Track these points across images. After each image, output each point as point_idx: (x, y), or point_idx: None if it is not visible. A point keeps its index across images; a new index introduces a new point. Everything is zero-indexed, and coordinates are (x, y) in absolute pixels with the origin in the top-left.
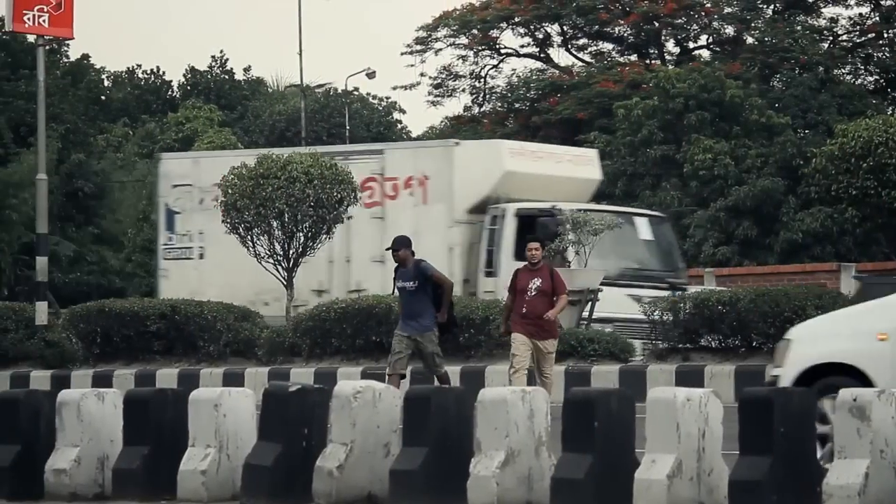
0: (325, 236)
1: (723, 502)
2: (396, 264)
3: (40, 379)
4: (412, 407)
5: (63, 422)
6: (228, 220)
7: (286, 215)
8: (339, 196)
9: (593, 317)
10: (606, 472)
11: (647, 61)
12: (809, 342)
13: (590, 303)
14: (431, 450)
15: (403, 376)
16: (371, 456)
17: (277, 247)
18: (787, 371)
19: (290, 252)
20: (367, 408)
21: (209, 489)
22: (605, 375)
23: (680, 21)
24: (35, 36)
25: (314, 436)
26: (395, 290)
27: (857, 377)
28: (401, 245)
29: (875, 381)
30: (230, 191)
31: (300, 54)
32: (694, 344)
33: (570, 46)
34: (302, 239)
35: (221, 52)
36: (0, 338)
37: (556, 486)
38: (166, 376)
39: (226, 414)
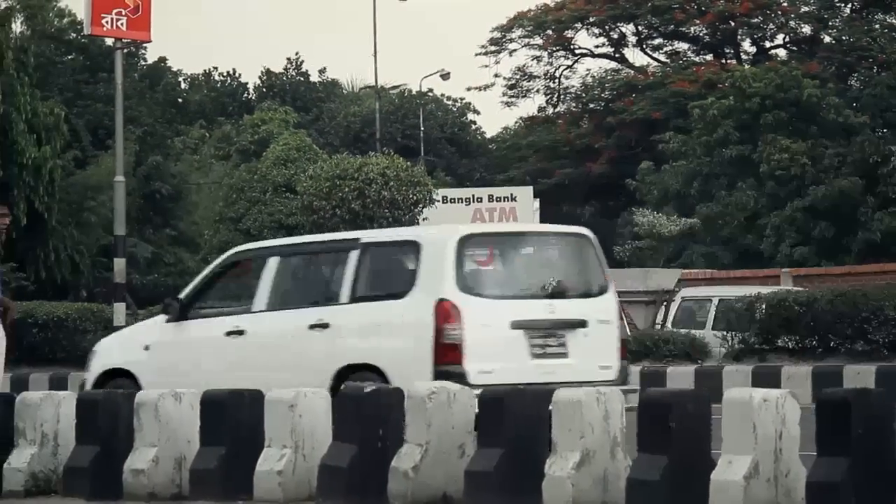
0: None
1: None
2: None
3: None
4: (487, 408)
5: (141, 422)
6: (305, 220)
7: (361, 216)
8: (414, 198)
9: None
10: (682, 473)
11: (723, 61)
12: (105, 353)
13: (665, 303)
14: (506, 451)
15: None
16: (446, 457)
17: None
18: (89, 375)
19: None
20: (441, 408)
21: (285, 489)
22: (680, 376)
23: (756, 20)
24: (113, 39)
25: (389, 436)
26: None
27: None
28: None
29: (142, 381)
30: (307, 191)
31: (375, 56)
32: (771, 345)
33: (645, 46)
34: None
35: (297, 54)
36: (79, 339)
37: (631, 486)
38: None
39: (301, 414)
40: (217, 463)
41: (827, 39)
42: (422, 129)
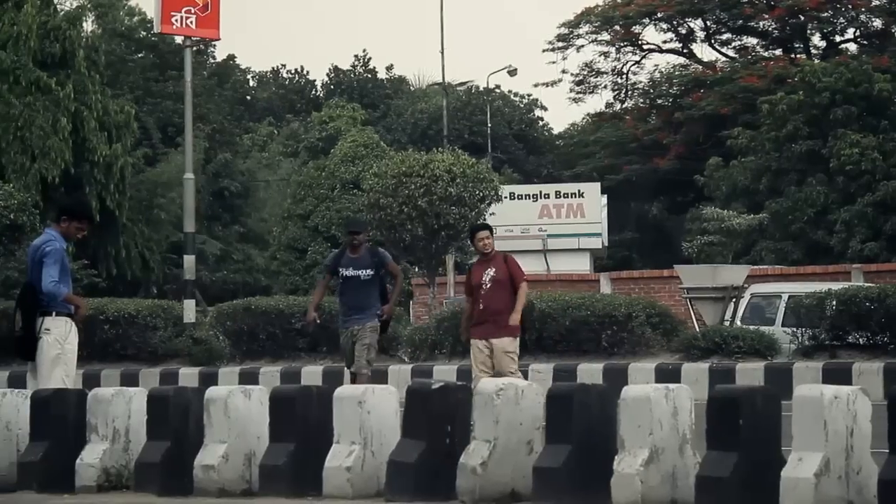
0: (467, 233)
1: (872, 501)
2: (336, 251)
3: (189, 376)
4: (555, 404)
5: (211, 418)
6: (372, 217)
7: (427, 213)
8: (480, 194)
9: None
10: (752, 471)
11: (792, 55)
12: None
13: (734, 300)
14: (574, 447)
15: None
16: (514, 453)
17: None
18: None
19: (433, 248)
20: (509, 405)
21: (354, 485)
22: (750, 373)
23: (826, 14)
24: (182, 37)
25: (457, 433)
26: (329, 278)
27: None
28: (361, 228)
29: None
30: (373, 188)
31: (442, 52)
32: (841, 341)
33: (713, 41)
34: (444, 237)
35: (364, 51)
36: (149, 335)
37: (700, 484)
38: (311, 373)
39: (370, 411)
40: (286, 459)
41: None
42: (489, 125)
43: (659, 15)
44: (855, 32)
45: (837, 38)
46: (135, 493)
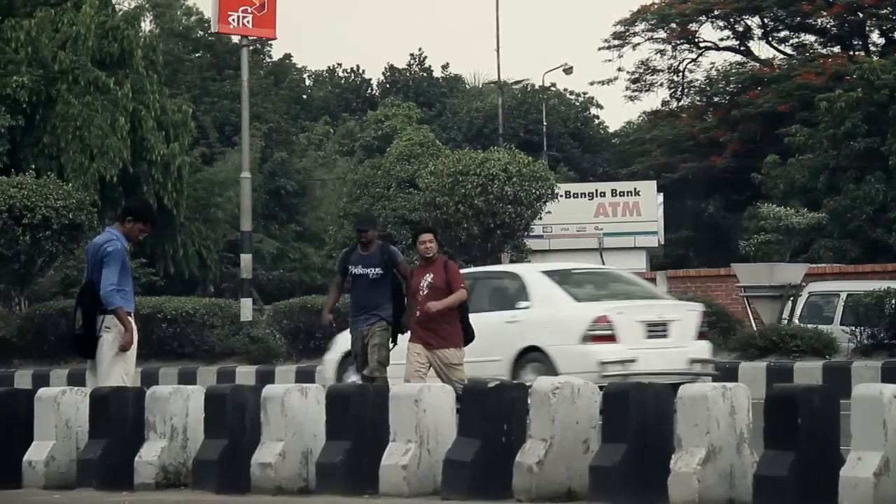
0: (523, 232)
1: None
2: (346, 248)
3: (246, 374)
4: (611, 403)
5: (268, 416)
6: (428, 216)
7: (483, 212)
8: (536, 193)
9: None
10: (810, 470)
11: (851, 53)
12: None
13: (791, 298)
14: (631, 446)
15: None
16: (570, 452)
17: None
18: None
19: (488, 247)
20: (565, 404)
21: (410, 484)
22: (808, 372)
23: (885, 11)
24: (239, 37)
25: (513, 432)
26: (342, 278)
27: None
28: (370, 225)
29: None
30: (429, 187)
31: (497, 51)
32: None
33: (770, 39)
34: (500, 235)
35: (420, 49)
36: (207, 334)
37: (758, 483)
38: None
39: (426, 409)
40: (343, 457)
41: None
42: (544, 123)
43: (716, 12)
44: None
45: None
46: (192, 491)
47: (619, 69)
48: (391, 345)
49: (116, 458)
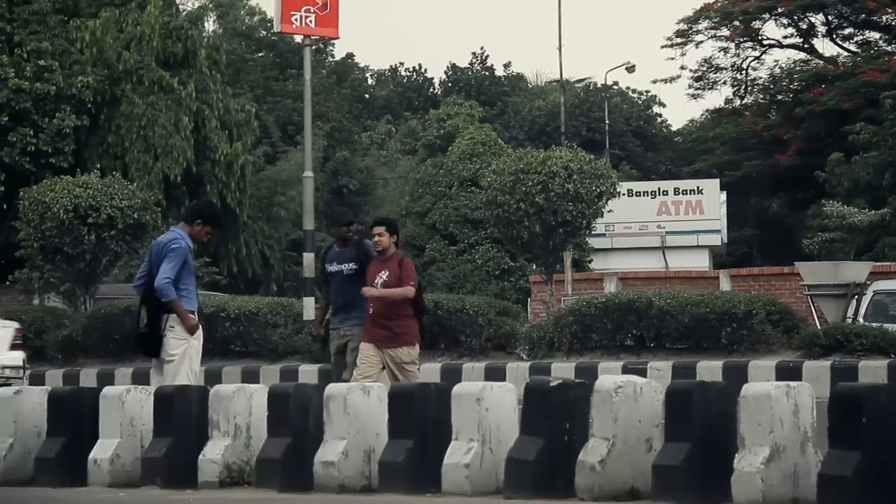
0: (585, 230)
1: None
2: (325, 249)
3: (308, 373)
4: (674, 402)
5: (331, 415)
6: (490, 214)
7: (545, 210)
8: (598, 191)
9: None
10: (876, 469)
11: None
12: None
13: (856, 297)
14: (694, 445)
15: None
16: (633, 451)
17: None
18: None
19: (550, 245)
20: (628, 402)
21: (473, 483)
22: (873, 370)
23: None
24: (302, 36)
25: (576, 430)
26: (323, 280)
27: None
28: (349, 219)
29: None
30: (491, 186)
31: (560, 49)
32: None
33: (834, 36)
34: (562, 234)
35: (482, 48)
36: (270, 332)
37: (822, 482)
38: (429, 370)
39: (488, 408)
40: (405, 456)
41: None
42: (607, 122)
43: (779, 10)
44: None
45: None
46: (256, 490)
47: (682, 67)
48: None
49: (180, 456)
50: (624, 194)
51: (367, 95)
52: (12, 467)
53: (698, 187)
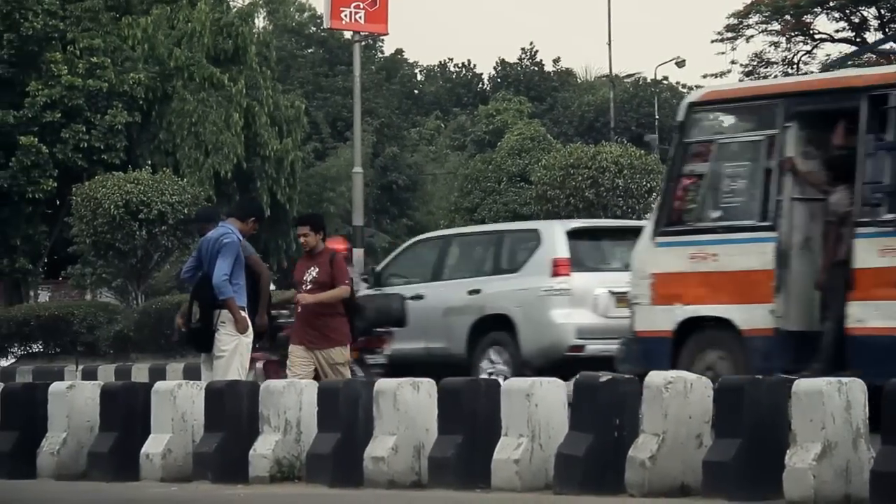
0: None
1: None
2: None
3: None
4: (725, 398)
5: (380, 410)
6: (539, 210)
7: (595, 205)
8: (648, 186)
9: None
10: None
11: None
12: None
13: None
14: (744, 441)
15: None
16: (683, 447)
17: None
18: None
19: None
20: (678, 398)
21: (522, 478)
22: None
23: None
24: (351, 32)
25: (626, 426)
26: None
27: None
28: (214, 218)
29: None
30: (541, 181)
31: (609, 44)
32: None
33: (887, 30)
34: None
35: (531, 44)
36: None
37: (875, 479)
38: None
39: (538, 404)
40: (455, 451)
41: None
42: (657, 117)
43: (831, 4)
44: None
45: None
46: (306, 485)
47: (733, 62)
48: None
49: (231, 451)
50: None
51: (416, 91)
52: (66, 462)
53: None
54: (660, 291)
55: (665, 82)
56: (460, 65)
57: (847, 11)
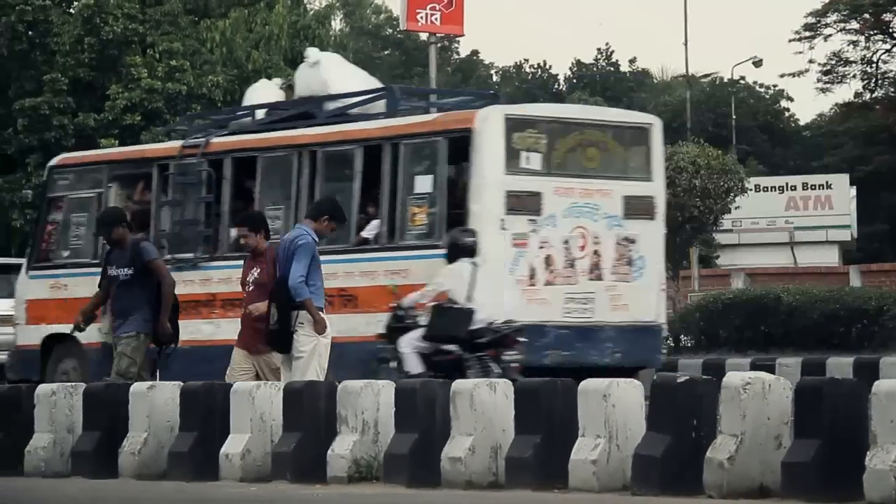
0: (712, 226)
1: None
2: (109, 247)
3: None
4: (804, 399)
5: (457, 411)
6: None
7: (671, 205)
8: (725, 186)
9: None
10: None
11: None
12: None
13: None
14: (824, 442)
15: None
16: (762, 448)
17: None
18: None
19: (676, 241)
20: (756, 399)
21: (600, 479)
22: None
23: None
24: (427, 34)
25: (703, 427)
26: (102, 278)
27: None
28: (108, 228)
29: None
30: None
31: (686, 44)
32: None
33: None
34: (689, 230)
35: (607, 44)
36: None
37: None
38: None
39: (615, 404)
40: (532, 451)
41: None
42: (733, 117)
43: None
44: None
45: None
46: (384, 485)
47: (811, 61)
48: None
49: (309, 451)
50: (751, 190)
51: (491, 92)
52: (146, 462)
53: (827, 182)
54: (31, 314)
55: (742, 82)
56: (536, 66)
57: None
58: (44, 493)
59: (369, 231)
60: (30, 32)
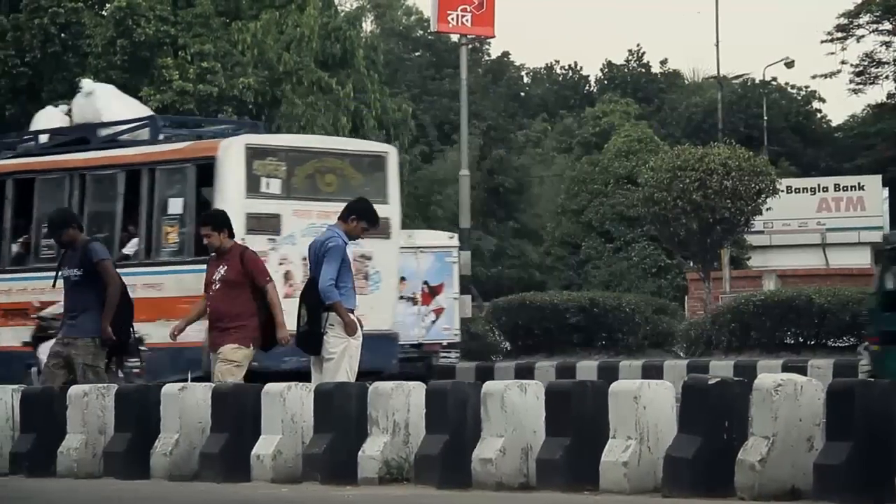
0: (743, 227)
1: None
2: (63, 249)
3: (465, 370)
4: (836, 400)
5: (488, 412)
6: (646, 212)
7: (702, 207)
8: (757, 188)
9: None
10: None
11: None
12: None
13: None
14: (856, 444)
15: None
16: (793, 450)
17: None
18: None
19: (707, 242)
20: (788, 401)
21: (631, 480)
22: None
23: None
24: (458, 35)
25: (735, 429)
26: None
27: None
28: (65, 223)
29: None
30: (648, 183)
31: (717, 45)
32: None
33: None
34: (720, 231)
35: (638, 45)
36: None
37: None
38: (586, 368)
39: (646, 406)
40: (563, 453)
41: None
42: (765, 118)
43: None
44: None
45: None
46: (415, 486)
47: (843, 62)
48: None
49: (340, 452)
50: (783, 191)
51: (522, 94)
52: (178, 462)
53: (859, 183)
54: None
55: (774, 83)
56: (567, 67)
57: None
58: (76, 494)
59: (130, 248)
60: (62, 34)
